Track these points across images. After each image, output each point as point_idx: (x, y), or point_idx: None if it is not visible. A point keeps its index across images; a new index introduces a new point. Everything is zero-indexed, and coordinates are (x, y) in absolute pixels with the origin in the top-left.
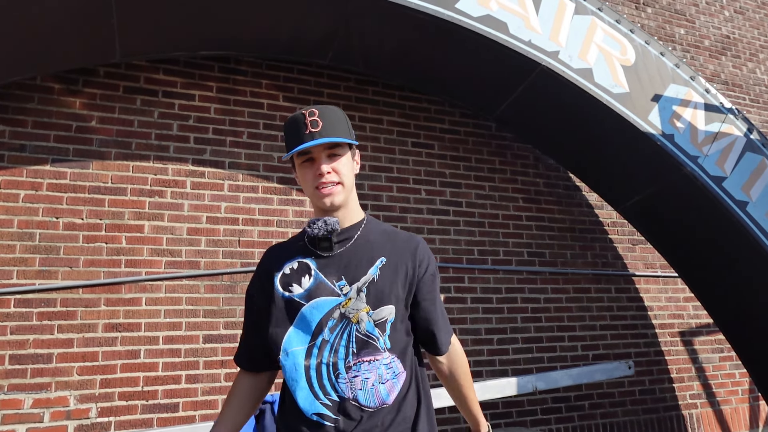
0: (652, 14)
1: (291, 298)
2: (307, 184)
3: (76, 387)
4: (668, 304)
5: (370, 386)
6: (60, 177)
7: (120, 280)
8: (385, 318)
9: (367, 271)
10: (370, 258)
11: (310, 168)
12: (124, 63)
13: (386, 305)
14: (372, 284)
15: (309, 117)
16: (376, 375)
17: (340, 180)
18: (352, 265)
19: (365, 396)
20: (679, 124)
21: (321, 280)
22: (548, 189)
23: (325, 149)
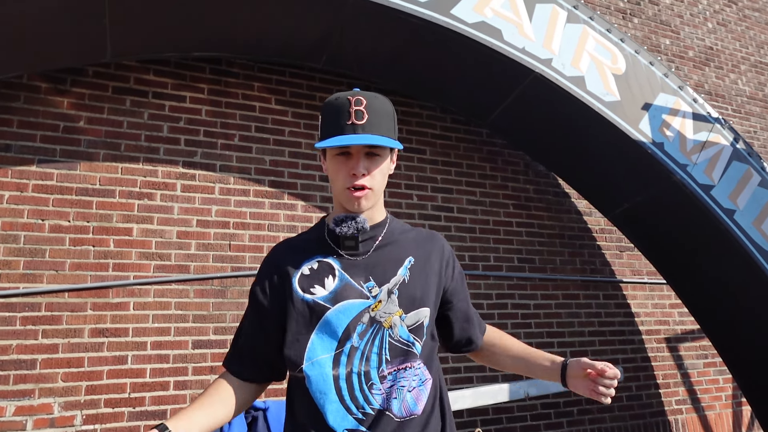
0: (638, 24)
1: (314, 300)
2: (338, 180)
3: (60, 394)
4: (654, 310)
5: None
6: (46, 178)
7: (107, 284)
8: (420, 322)
9: (397, 271)
10: (397, 258)
11: (344, 163)
12: (113, 63)
13: (421, 308)
14: (403, 286)
15: (354, 105)
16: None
17: (372, 185)
18: (379, 266)
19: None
20: (669, 132)
21: (347, 282)
22: (538, 195)
23: (366, 147)
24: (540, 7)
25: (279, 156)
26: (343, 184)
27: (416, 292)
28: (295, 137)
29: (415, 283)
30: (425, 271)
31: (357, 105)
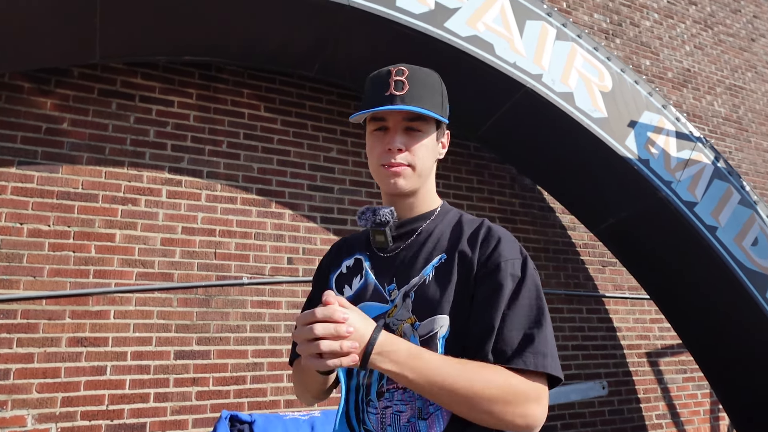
0: (620, 45)
1: None
2: (373, 157)
3: (34, 405)
4: (636, 325)
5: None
6: (26, 180)
7: (87, 291)
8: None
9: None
10: (428, 255)
11: (381, 139)
12: (100, 65)
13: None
14: (422, 288)
15: (395, 76)
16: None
17: (412, 162)
18: (407, 265)
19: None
20: (654, 149)
21: (370, 282)
22: (524, 209)
23: (404, 119)
24: (530, 24)
25: (267, 164)
26: (377, 161)
27: (435, 296)
28: (284, 145)
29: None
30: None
31: (398, 75)
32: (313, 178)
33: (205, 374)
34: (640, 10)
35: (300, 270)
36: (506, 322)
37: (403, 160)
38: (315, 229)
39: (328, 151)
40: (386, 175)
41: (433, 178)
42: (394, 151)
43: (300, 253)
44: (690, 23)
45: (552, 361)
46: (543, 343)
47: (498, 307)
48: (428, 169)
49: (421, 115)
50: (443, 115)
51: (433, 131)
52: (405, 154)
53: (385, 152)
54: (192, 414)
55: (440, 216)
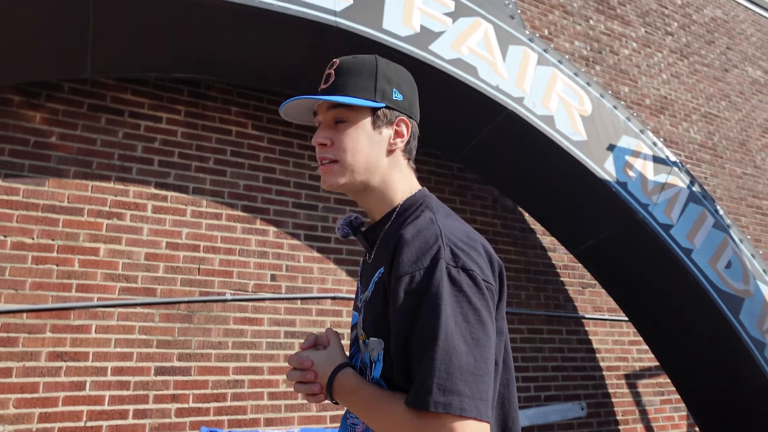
0: (600, 72)
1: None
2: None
3: (11, 421)
4: (614, 347)
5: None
6: (12, 193)
7: (69, 305)
8: (374, 354)
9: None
10: (375, 267)
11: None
12: (90, 80)
13: (373, 336)
14: (367, 304)
15: (327, 69)
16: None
17: (337, 156)
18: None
19: None
20: (631, 173)
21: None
22: (505, 230)
23: (329, 110)
24: (513, 49)
25: (253, 181)
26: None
27: (371, 316)
28: (270, 163)
29: (374, 302)
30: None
31: (329, 68)
32: (298, 196)
33: (186, 391)
34: (619, 38)
35: (283, 287)
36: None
37: (328, 154)
38: (299, 246)
39: (313, 169)
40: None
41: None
42: (317, 144)
43: (283, 270)
44: (667, 52)
45: (441, 397)
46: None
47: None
48: (364, 162)
49: (340, 103)
50: (375, 100)
51: (364, 119)
52: (330, 148)
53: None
54: (171, 431)
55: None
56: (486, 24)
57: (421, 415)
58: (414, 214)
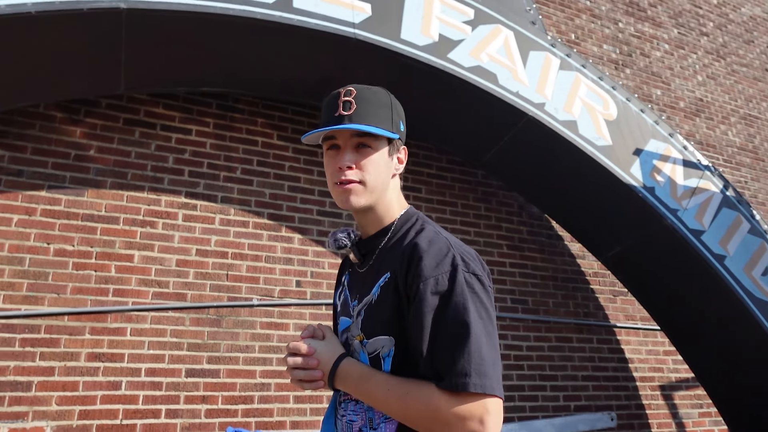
0: (630, 75)
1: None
2: (328, 176)
3: (53, 417)
4: (648, 356)
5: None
6: (54, 203)
7: (106, 309)
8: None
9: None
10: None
11: (333, 158)
12: (125, 95)
13: (381, 335)
14: (370, 307)
15: (344, 96)
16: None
17: (362, 178)
18: (366, 283)
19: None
20: (660, 177)
21: (346, 297)
22: (531, 237)
23: (353, 137)
24: (534, 54)
25: (279, 190)
26: (332, 179)
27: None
28: (294, 172)
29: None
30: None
31: (346, 96)
32: (322, 204)
33: (215, 392)
34: (650, 41)
35: (308, 293)
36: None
37: (354, 176)
38: (323, 253)
39: None
40: (339, 193)
41: (393, 192)
42: (344, 168)
43: (308, 277)
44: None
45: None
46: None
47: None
48: (382, 184)
49: (368, 132)
50: (393, 131)
51: (384, 147)
52: (355, 170)
53: (337, 170)
54: (201, 431)
55: (395, 230)
56: (506, 31)
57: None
58: (414, 227)
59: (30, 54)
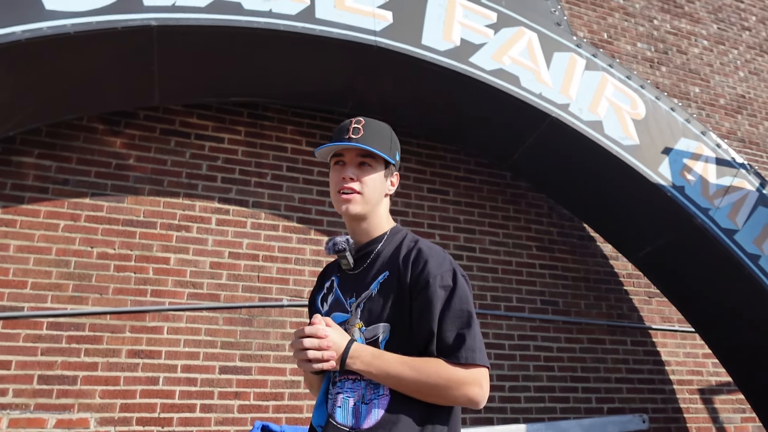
0: (666, 73)
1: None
2: (332, 185)
3: (97, 410)
4: (686, 359)
5: (351, 407)
6: (97, 210)
7: (145, 309)
8: (376, 336)
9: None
10: (376, 273)
11: (339, 171)
12: (162, 107)
13: (380, 323)
14: (369, 300)
15: (354, 123)
16: (359, 395)
17: (361, 190)
18: (363, 282)
19: (342, 414)
20: (690, 176)
21: (338, 297)
22: (562, 238)
23: (357, 156)
24: (558, 56)
25: (307, 194)
26: (334, 188)
27: (378, 307)
28: (323, 176)
29: (381, 297)
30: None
31: (356, 124)
32: None
33: (247, 389)
34: (688, 37)
35: None
36: (443, 325)
37: (355, 187)
38: None
39: None
40: (340, 201)
41: (384, 208)
42: (348, 179)
43: None
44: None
45: (479, 354)
46: (472, 340)
47: (434, 314)
48: (376, 198)
49: (370, 153)
50: (390, 157)
51: (381, 169)
52: (356, 183)
53: (340, 180)
54: (234, 426)
55: (389, 239)
56: (530, 33)
57: (467, 366)
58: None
59: (71, 70)
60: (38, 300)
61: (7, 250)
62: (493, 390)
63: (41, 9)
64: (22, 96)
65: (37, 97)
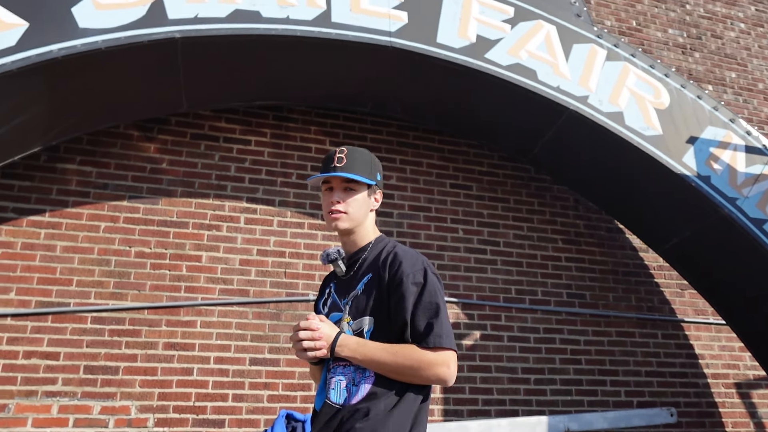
0: (700, 59)
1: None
2: (324, 208)
3: (137, 398)
4: (722, 352)
5: (343, 387)
6: (134, 212)
7: (179, 304)
8: (362, 328)
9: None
10: (362, 275)
11: (328, 195)
12: (192, 113)
13: (364, 316)
14: (356, 298)
15: (338, 153)
16: (349, 378)
17: (346, 210)
18: (352, 284)
19: (336, 394)
20: (717, 165)
21: (334, 299)
22: (589, 231)
23: (342, 182)
24: (577, 47)
25: None
26: (325, 209)
27: (362, 303)
28: None
29: (365, 295)
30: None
31: (340, 153)
32: None
33: (276, 380)
34: (723, 21)
35: None
36: (414, 316)
37: (341, 208)
38: None
39: (387, 179)
40: (330, 219)
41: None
42: (335, 203)
43: None
44: None
45: (446, 339)
46: (439, 327)
47: (407, 307)
48: (361, 215)
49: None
50: (371, 179)
51: (364, 190)
52: (342, 204)
53: (329, 204)
54: (264, 414)
55: (374, 247)
56: (548, 26)
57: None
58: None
59: (105, 83)
60: (83, 296)
61: (54, 250)
62: (518, 383)
63: (75, 27)
64: (62, 108)
65: (76, 108)
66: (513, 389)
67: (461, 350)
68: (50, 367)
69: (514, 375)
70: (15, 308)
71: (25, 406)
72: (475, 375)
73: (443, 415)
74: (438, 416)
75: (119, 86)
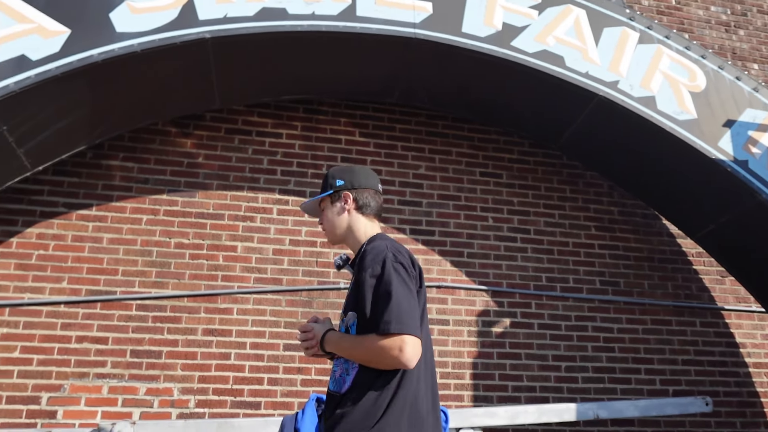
0: (744, 36)
1: None
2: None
3: (179, 381)
4: (765, 341)
5: (338, 377)
6: (173, 204)
7: (217, 292)
8: (349, 322)
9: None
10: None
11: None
12: (226, 108)
13: (350, 311)
14: (347, 297)
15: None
16: (342, 368)
17: (324, 228)
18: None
19: (333, 384)
20: (755, 149)
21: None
22: (623, 217)
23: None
24: (608, 31)
25: None
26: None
27: (348, 301)
28: (376, 165)
29: (350, 293)
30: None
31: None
32: (402, 194)
33: (309, 365)
34: None
35: None
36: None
37: (322, 228)
38: (404, 240)
39: (416, 168)
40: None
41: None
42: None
43: None
44: None
45: (395, 324)
46: (389, 315)
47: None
48: (336, 226)
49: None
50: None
51: (326, 203)
52: (320, 225)
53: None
54: (297, 398)
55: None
56: (577, 10)
57: (387, 336)
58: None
59: (143, 83)
60: (128, 285)
61: (101, 242)
62: (549, 370)
63: (113, 32)
64: (104, 108)
65: (117, 108)
66: (543, 376)
67: (490, 338)
68: (100, 351)
69: (544, 362)
70: (67, 296)
71: (79, 386)
72: (504, 362)
73: (473, 400)
74: (468, 401)
75: (155, 86)
